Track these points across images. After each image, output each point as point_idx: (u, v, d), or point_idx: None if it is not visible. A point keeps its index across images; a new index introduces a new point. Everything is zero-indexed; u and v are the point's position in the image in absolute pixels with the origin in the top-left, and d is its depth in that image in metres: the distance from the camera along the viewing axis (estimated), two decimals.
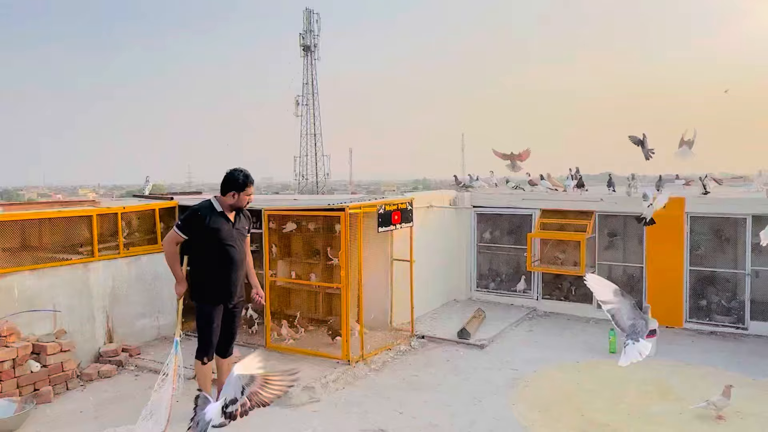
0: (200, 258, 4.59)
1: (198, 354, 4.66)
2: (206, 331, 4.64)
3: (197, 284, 4.61)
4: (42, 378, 5.14)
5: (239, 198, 4.58)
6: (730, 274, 7.27)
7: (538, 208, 8.09)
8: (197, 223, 4.51)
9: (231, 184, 4.56)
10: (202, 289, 4.59)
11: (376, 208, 6.04)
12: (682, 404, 4.87)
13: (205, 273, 4.58)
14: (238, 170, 4.62)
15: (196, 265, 4.62)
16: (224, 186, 4.59)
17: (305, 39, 47.11)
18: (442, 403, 4.99)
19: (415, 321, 6.89)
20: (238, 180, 4.55)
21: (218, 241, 4.54)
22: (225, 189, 4.59)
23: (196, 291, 4.62)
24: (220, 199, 4.62)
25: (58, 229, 5.92)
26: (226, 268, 4.60)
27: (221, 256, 4.57)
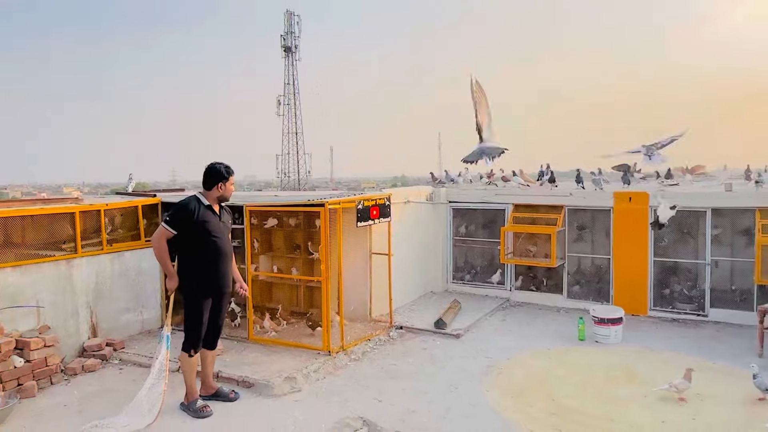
0: (189, 252, 4.54)
1: (185, 347, 4.60)
2: (195, 325, 4.59)
3: (187, 278, 4.55)
4: (26, 373, 5.03)
5: (225, 188, 4.60)
6: (692, 265, 7.41)
7: (510, 203, 8.15)
8: (186, 217, 4.47)
9: (216, 176, 4.58)
10: (192, 282, 4.54)
11: (355, 204, 6.02)
12: (646, 387, 4.95)
13: (195, 267, 4.53)
14: (218, 163, 4.66)
15: (185, 259, 4.56)
16: (209, 179, 4.59)
17: (286, 40, 46.70)
18: (420, 391, 5.01)
19: (393, 312, 6.89)
20: (221, 171, 4.58)
21: (207, 234, 4.52)
22: (211, 182, 4.59)
23: (186, 285, 4.56)
24: (205, 194, 4.61)
25: (41, 226, 5.78)
26: (216, 260, 4.58)
27: (210, 249, 4.54)
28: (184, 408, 4.63)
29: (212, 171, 4.60)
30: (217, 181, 4.58)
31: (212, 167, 4.61)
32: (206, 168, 4.64)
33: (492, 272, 8.55)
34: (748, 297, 6.90)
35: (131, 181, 8.28)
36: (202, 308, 4.57)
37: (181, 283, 4.57)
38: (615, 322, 6.27)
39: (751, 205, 6.74)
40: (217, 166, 4.61)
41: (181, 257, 4.60)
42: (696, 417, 4.38)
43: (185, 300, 4.63)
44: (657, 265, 7.33)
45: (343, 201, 5.92)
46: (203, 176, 4.63)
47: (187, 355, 4.60)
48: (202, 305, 4.57)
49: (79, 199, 6.72)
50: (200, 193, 4.64)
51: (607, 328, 6.24)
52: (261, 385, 5.00)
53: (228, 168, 4.64)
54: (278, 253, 7.24)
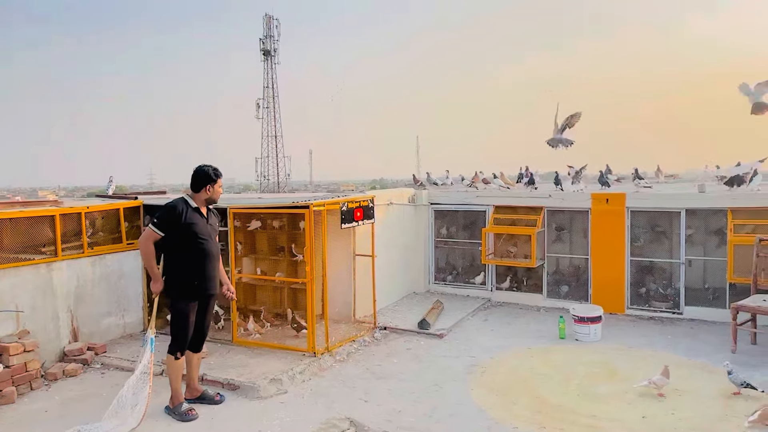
0: (176, 254, 4.48)
1: (172, 349, 4.54)
2: (182, 327, 4.52)
3: (173, 281, 4.48)
4: (5, 379, 4.89)
5: (214, 190, 4.58)
6: (667, 264, 7.55)
7: (491, 205, 8.20)
8: (173, 219, 4.42)
9: (204, 178, 4.55)
10: (178, 285, 4.48)
11: (339, 206, 6.00)
12: (626, 384, 5.02)
13: (182, 269, 4.47)
14: (206, 165, 4.63)
15: (172, 261, 4.49)
16: (198, 182, 4.56)
17: (265, 44, 46.41)
18: (406, 391, 5.00)
19: (377, 313, 6.88)
20: (209, 174, 4.56)
21: (194, 237, 4.47)
22: (199, 185, 4.56)
23: (172, 288, 4.49)
24: (193, 196, 4.59)
25: (19, 229, 5.63)
26: (203, 262, 4.53)
27: (198, 252, 4.49)
28: (169, 412, 4.56)
29: (200, 173, 4.57)
30: (205, 183, 4.55)
31: (200, 169, 4.58)
32: (194, 170, 4.61)
33: (473, 273, 8.60)
34: (720, 295, 7.06)
35: (111, 184, 8.11)
36: (188, 311, 4.51)
37: (168, 286, 4.50)
38: (594, 320, 6.36)
39: (723, 206, 6.89)
40: (205, 169, 4.58)
41: (167, 259, 4.53)
42: (675, 411, 4.45)
43: (171, 302, 4.57)
44: (633, 265, 7.45)
45: (328, 203, 5.90)
46: (191, 178, 4.59)
47: (173, 358, 4.53)
48: (188, 307, 4.51)
49: (59, 202, 6.57)
50: (188, 195, 4.62)
51: (587, 326, 6.32)
52: (246, 388, 4.95)
53: (216, 170, 4.62)
54: (261, 255, 7.17)
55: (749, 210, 6.72)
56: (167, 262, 4.53)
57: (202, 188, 4.54)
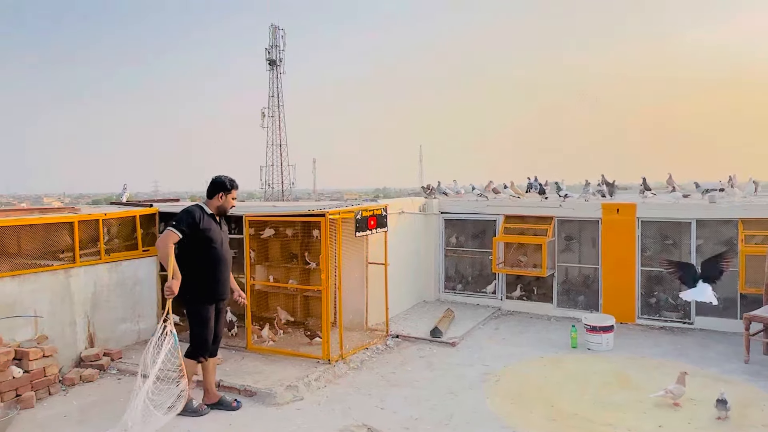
0: (192, 259, 4.53)
1: (193, 354, 4.60)
2: (202, 331, 4.59)
3: (190, 285, 4.52)
4: (24, 384, 4.91)
5: (226, 200, 4.69)
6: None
7: (501, 214, 8.23)
8: (192, 223, 4.49)
9: (219, 186, 4.67)
10: (196, 289, 4.53)
11: (353, 214, 6.03)
12: (640, 393, 5.02)
13: (198, 273, 4.53)
14: (224, 176, 4.75)
15: (189, 266, 4.52)
16: (212, 189, 4.68)
17: (271, 54, 46.67)
18: (421, 398, 5.01)
19: (389, 321, 6.89)
20: (225, 183, 4.68)
21: (210, 241, 4.56)
22: (213, 192, 4.67)
23: (190, 292, 4.54)
24: (207, 203, 4.69)
25: (38, 235, 5.68)
26: (218, 267, 4.61)
27: (213, 256, 4.58)
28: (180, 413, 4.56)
29: (216, 181, 4.70)
30: (219, 191, 4.67)
31: (217, 179, 4.72)
32: (212, 179, 4.73)
33: (483, 282, 8.61)
34: (731, 305, 7.04)
35: (125, 191, 8.19)
36: (207, 314, 4.59)
37: (185, 291, 4.53)
38: (606, 329, 6.36)
39: (734, 217, 6.90)
40: (222, 178, 4.71)
41: (183, 265, 4.55)
42: (691, 421, 4.45)
43: (189, 307, 4.62)
44: (644, 275, 7.45)
45: (343, 211, 5.93)
46: (209, 185, 4.72)
47: (195, 362, 4.59)
48: (207, 311, 4.59)
49: (77, 209, 6.62)
50: (203, 203, 4.73)
51: (599, 335, 6.32)
52: (263, 394, 4.96)
53: (233, 182, 4.73)
54: (274, 263, 7.20)
55: (760, 221, 6.73)
56: (183, 267, 4.55)
57: (216, 195, 4.66)
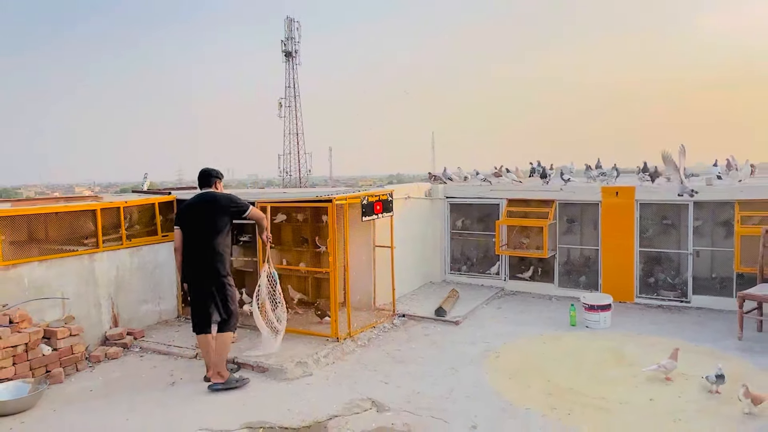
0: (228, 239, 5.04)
1: (233, 326, 4.98)
2: (236, 305, 5.01)
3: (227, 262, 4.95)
4: (53, 361, 5.09)
5: (218, 187, 5.13)
6: (675, 254, 7.51)
7: (504, 198, 8.22)
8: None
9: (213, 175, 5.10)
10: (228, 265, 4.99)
11: (360, 200, 6.09)
12: (634, 368, 5.05)
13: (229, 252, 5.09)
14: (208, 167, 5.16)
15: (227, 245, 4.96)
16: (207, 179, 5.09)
17: (287, 45, 46.58)
18: (424, 374, 5.09)
19: (396, 301, 6.96)
20: (216, 172, 5.13)
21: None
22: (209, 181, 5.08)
23: (226, 268, 4.92)
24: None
25: (64, 222, 5.83)
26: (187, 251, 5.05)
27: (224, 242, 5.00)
28: (220, 387, 4.74)
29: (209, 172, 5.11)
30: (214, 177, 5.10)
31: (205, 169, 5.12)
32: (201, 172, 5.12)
33: (487, 264, 8.64)
34: (727, 284, 7.01)
35: (146, 180, 8.33)
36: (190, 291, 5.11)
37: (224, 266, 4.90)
38: (604, 308, 6.37)
39: (731, 198, 6.83)
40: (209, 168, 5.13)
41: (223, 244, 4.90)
42: (682, 395, 4.47)
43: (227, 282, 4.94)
44: (642, 255, 7.43)
45: (350, 197, 5.99)
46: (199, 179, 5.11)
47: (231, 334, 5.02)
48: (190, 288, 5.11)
49: (99, 197, 6.76)
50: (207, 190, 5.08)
51: (597, 314, 6.33)
52: (275, 370, 5.08)
53: (218, 171, 5.15)
54: (287, 247, 7.30)
55: (756, 202, 6.66)
56: (219, 246, 4.84)
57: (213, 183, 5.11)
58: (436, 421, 4.13)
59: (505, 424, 4.06)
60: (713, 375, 4.47)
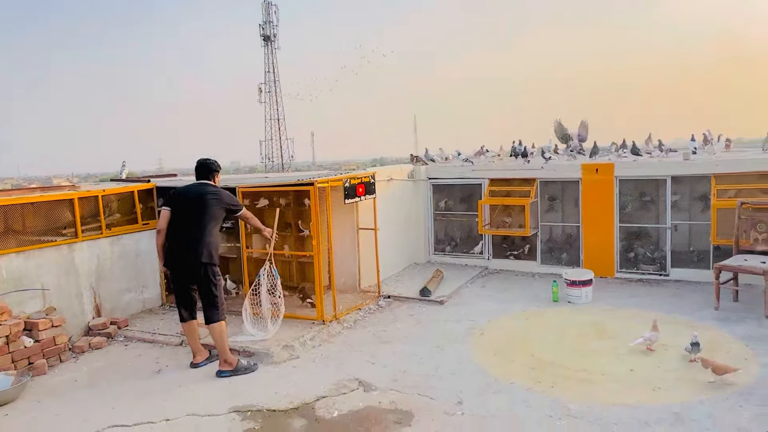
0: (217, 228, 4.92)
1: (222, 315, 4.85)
2: (223, 295, 4.94)
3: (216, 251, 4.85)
4: (35, 352, 5.02)
5: (215, 181, 5.06)
6: (653, 229, 7.63)
7: (486, 178, 8.25)
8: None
9: (212, 168, 5.04)
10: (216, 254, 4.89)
11: (342, 182, 6.06)
12: (616, 341, 5.15)
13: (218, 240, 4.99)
14: (208, 159, 5.09)
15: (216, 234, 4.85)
16: (205, 171, 5.01)
17: (265, 29, 45.84)
18: (410, 353, 5.13)
19: (381, 283, 6.98)
20: (214, 165, 5.07)
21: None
22: (207, 174, 5.01)
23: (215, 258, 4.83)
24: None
25: (41, 213, 5.71)
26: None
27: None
28: (229, 374, 4.73)
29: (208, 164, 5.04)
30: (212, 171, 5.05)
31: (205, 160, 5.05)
32: (200, 163, 5.03)
33: (471, 243, 8.69)
34: (704, 257, 7.15)
35: (124, 168, 8.17)
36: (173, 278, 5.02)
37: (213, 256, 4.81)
38: (585, 283, 6.46)
39: (707, 172, 6.94)
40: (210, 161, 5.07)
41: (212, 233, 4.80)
42: (660, 364, 4.58)
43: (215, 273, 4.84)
44: (622, 231, 7.53)
45: (331, 180, 5.96)
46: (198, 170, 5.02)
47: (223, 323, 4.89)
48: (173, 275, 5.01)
49: (76, 187, 6.63)
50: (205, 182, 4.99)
51: (579, 289, 6.42)
52: (261, 354, 5.08)
53: (216, 162, 5.09)
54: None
55: (732, 175, 6.77)
56: (212, 234, 4.77)
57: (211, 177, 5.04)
58: (423, 398, 4.17)
59: (490, 398, 4.12)
60: (689, 344, 4.57)
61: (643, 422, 3.65)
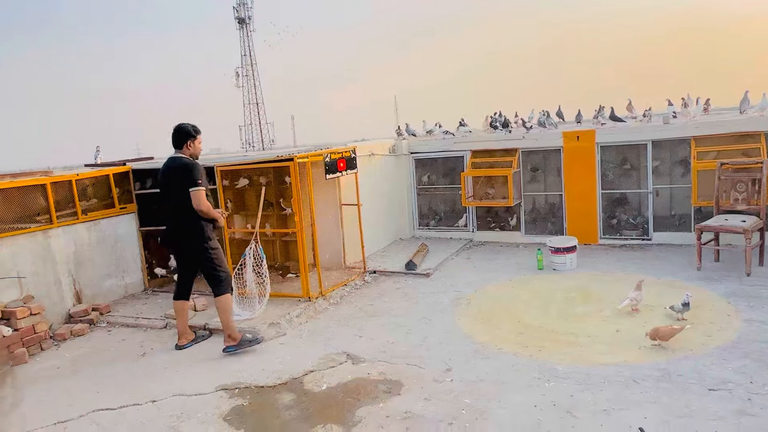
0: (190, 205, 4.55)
1: (227, 288, 4.70)
2: (225, 265, 4.75)
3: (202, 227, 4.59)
4: (15, 341, 4.91)
5: (195, 146, 4.65)
6: (635, 195, 7.67)
7: (468, 150, 8.21)
8: (204, 173, 4.59)
9: (185, 134, 4.61)
10: (205, 229, 4.62)
11: (322, 157, 5.96)
12: (601, 304, 5.18)
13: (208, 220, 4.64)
14: (184, 123, 4.69)
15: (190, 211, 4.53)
16: (179, 139, 4.61)
17: (239, 12, 44.87)
18: (397, 325, 5.11)
19: (366, 259, 6.94)
20: (189, 130, 4.62)
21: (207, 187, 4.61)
22: (180, 141, 4.61)
23: (203, 233, 4.60)
24: (183, 154, 4.64)
25: (12, 199, 5.53)
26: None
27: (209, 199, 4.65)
28: (234, 349, 4.66)
29: (181, 130, 4.63)
30: (186, 139, 4.61)
31: (180, 127, 4.65)
32: (174, 129, 4.64)
33: (455, 217, 8.67)
34: (686, 220, 7.22)
35: (99, 153, 7.96)
36: (221, 249, 4.83)
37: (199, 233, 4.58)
38: (569, 250, 6.49)
39: (687, 135, 6.96)
40: (184, 125, 4.65)
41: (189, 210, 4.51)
42: (645, 324, 4.60)
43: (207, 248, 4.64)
44: (605, 197, 7.56)
45: (311, 155, 5.86)
46: (173, 136, 4.62)
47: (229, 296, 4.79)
48: (220, 246, 4.81)
49: (49, 172, 6.44)
50: (179, 154, 4.63)
51: (563, 256, 6.45)
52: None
53: (195, 127, 4.68)
54: (251, 212, 7.11)
55: (712, 137, 6.81)
56: (186, 212, 4.52)
57: (184, 144, 4.60)
58: (411, 367, 4.16)
59: (479, 364, 4.12)
60: (679, 304, 4.61)
61: (630, 379, 3.68)
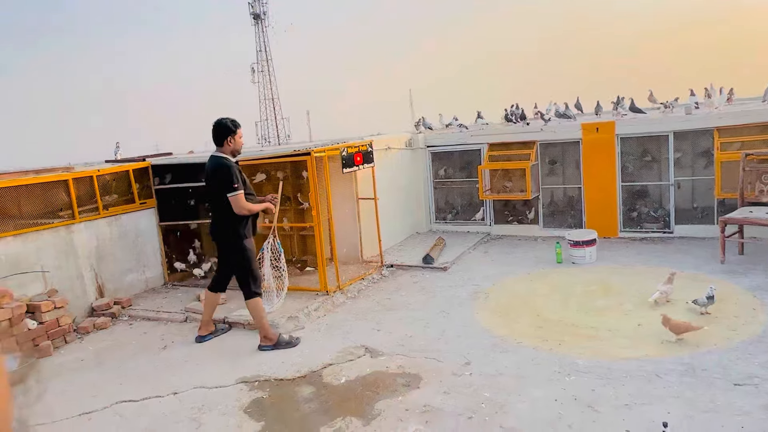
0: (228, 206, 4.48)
1: (257, 292, 4.66)
2: (254, 266, 4.69)
3: (236, 227, 4.52)
4: (40, 334, 5.01)
5: (235, 141, 4.55)
6: (656, 187, 7.54)
7: (485, 143, 8.14)
8: (240, 173, 4.51)
9: (224, 131, 4.51)
10: (239, 230, 4.54)
11: (339, 151, 5.96)
12: (622, 297, 5.11)
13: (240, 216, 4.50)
14: (223, 118, 4.58)
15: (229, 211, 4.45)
16: (219, 136, 4.52)
17: (254, 7, 45.02)
18: (415, 319, 5.10)
19: (383, 253, 6.94)
20: (228, 125, 4.52)
21: (246, 187, 4.57)
22: (221, 138, 4.52)
23: (236, 233, 4.53)
24: (220, 151, 4.55)
25: (36, 195, 5.63)
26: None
27: (249, 199, 4.57)
28: (271, 348, 4.64)
29: (220, 126, 4.52)
30: (225, 135, 4.51)
31: (219, 122, 4.54)
32: (213, 125, 4.54)
33: (472, 210, 8.62)
34: (708, 213, 7.09)
35: (118, 149, 8.07)
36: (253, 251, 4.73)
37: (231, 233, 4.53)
38: (589, 243, 6.41)
39: (709, 126, 6.82)
40: (223, 121, 4.54)
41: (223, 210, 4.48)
42: None
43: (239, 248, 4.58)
44: (625, 190, 7.45)
45: (328, 149, 5.86)
46: (213, 133, 4.53)
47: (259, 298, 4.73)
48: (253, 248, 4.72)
49: (70, 168, 6.54)
50: (217, 152, 4.56)
51: (582, 249, 6.37)
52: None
53: (234, 121, 4.57)
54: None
55: (735, 128, 6.66)
56: (224, 212, 4.48)
57: (224, 141, 4.51)
58: (430, 360, 4.15)
59: (498, 357, 4.10)
60: (703, 297, 4.54)
61: (653, 374, 3.63)
